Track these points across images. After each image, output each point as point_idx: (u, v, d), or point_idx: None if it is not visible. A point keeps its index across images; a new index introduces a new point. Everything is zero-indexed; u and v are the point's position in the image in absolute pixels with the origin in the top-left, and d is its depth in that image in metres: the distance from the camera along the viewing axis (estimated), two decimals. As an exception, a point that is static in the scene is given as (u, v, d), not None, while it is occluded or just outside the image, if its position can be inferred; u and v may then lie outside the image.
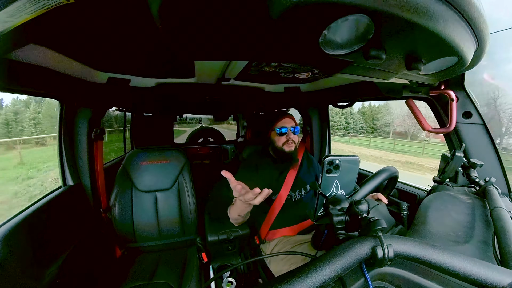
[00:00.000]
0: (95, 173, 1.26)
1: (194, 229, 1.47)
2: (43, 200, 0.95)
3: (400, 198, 1.24)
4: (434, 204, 0.76)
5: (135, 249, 1.40)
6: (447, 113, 0.92)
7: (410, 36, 0.37)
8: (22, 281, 0.73)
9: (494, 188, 0.77)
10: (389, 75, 0.61)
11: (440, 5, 0.32)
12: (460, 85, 0.90)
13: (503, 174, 0.92)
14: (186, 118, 5.40)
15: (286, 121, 1.21)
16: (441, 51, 0.45)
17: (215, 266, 1.37)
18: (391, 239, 0.40)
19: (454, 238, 0.58)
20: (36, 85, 0.82)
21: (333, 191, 0.56)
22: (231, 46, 0.43)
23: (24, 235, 0.78)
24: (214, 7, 0.29)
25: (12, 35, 0.41)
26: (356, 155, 0.57)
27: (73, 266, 0.96)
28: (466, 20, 0.37)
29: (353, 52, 0.42)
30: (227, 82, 1.16)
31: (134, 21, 0.53)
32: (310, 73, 1.09)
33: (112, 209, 1.32)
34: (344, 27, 0.34)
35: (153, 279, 1.16)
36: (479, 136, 0.94)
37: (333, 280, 0.36)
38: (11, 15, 0.34)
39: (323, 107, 1.83)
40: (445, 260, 0.37)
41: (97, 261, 1.18)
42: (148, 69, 1.04)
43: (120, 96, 1.47)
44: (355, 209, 0.47)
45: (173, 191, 1.44)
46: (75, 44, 0.70)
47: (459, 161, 0.85)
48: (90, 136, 1.20)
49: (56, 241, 0.92)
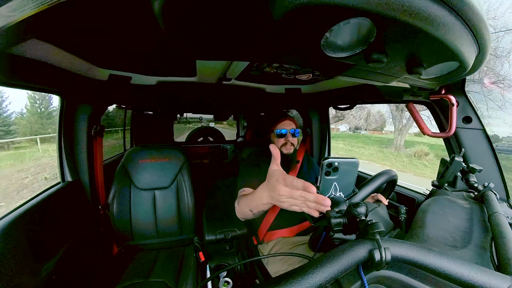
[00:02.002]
0: (94, 169, 1.26)
1: (192, 228, 1.47)
2: (41, 195, 0.95)
3: (398, 201, 1.23)
4: (432, 208, 0.76)
5: (133, 246, 1.39)
6: (447, 117, 0.92)
7: (411, 41, 0.37)
8: (18, 276, 0.72)
9: (493, 193, 0.77)
10: (390, 79, 0.62)
11: (442, 10, 0.32)
12: (461, 90, 0.91)
13: (502, 179, 0.92)
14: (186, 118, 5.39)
15: (286, 123, 1.21)
16: (442, 56, 0.45)
17: (212, 266, 1.36)
18: (389, 242, 0.40)
19: (452, 243, 0.58)
20: (37, 80, 0.82)
21: (331, 193, 0.56)
22: (232, 47, 0.43)
23: (21, 230, 0.78)
24: (216, 7, 0.29)
25: (14, 29, 0.41)
26: (356, 158, 0.57)
27: (70, 262, 0.96)
28: (468, 25, 0.38)
29: (355, 55, 0.42)
30: (228, 82, 1.16)
31: (136, 19, 0.53)
32: (311, 74, 1.09)
33: (110, 206, 1.31)
34: (346, 29, 0.34)
35: (149, 277, 1.15)
36: (479, 141, 0.94)
37: (330, 282, 0.36)
38: (14, 9, 0.34)
39: (323, 109, 1.83)
40: (442, 264, 0.37)
41: (94, 258, 1.17)
42: (149, 67, 1.04)
43: (121, 94, 1.47)
44: (353, 211, 0.47)
45: (171, 190, 1.44)
46: (77, 40, 0.70)
47: (458, 166, 0.85)
48: (90, 133, 1.20)
49: (54, 237, 0.92)
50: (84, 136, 1.18)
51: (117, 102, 1.83)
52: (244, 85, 1.29)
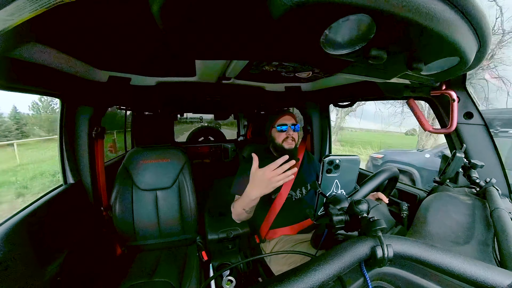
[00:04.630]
0: (95, 171, 1.27)
1: (194, 228, 1.47)
2: (44, 198, 0.96)
3: (400, 198, 1.23)
4: (434, 205, 0.76)
5: (135, 247, 1.40)
6: (448, 113, 0.92)
7: (411, 36, 0.37)
8: (23, 279, 0.73)
9: (495, 189, 0.77)
10: (390, 75, 0.61)
11: (442, 5, 0.31)
12: (462, 85, 0.90)
13: (504, 175, 0.92)
14: (186, 118, 5.37)
15: (286, 118, 1.22)
16: (443, 52, 0.44)
17: (215, 265, 1.37)
18: (391, 239, 0.40)
19: (454, 239, 0.58)
20: (37, 84, 0.82)
21: (333, 190, 0.56)
22: (231, 46, 0.43)
23: (25, 233, 0.78)
24: (214, 7, 0.29)
25: (13, 33, 0.41)
26: (357, 155, 0.57)
27: (73, 264, 0.96)
28: (469, 20, 0.37)
29: (354, 52, 0.41)
30: (227, 81, 1.16)
31: (135, 20, 0.52)
32: (311, 72, 1.09)
33: (112, 207, 1.32)
34: (346, 26, 0.34)
35: (153, 277, 1.16)
36: (480, 137, 0.93)
37: (333, 279, 0.36)
38: (12, 13, 0.34)
39: (323, 106, 1.83)
40: (444, 260, 0.37)
41: (97, 259, 1.18)
42: (149, 68, 1.04)
43: (121, 95, 1.47)
44: (355, 209, 0.47)
45: (173, 190, 1.44)
46: (76, 43, 0.70)
47: (460, 162, 0.85)
48: (91, 135, 1.21)
49: (57, 239, 0.93)
50: (85, 138, 1.18)
51: (117, 104, 1.83)
52: (244, 84, 1.29)
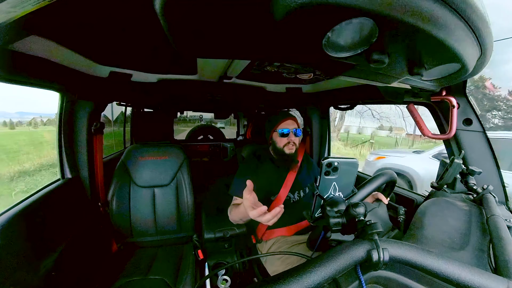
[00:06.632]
0: (94, 166, 1.26)
1: (191, 226, 1.47)
2: (41, 192, 0.95)
3: (397, 202, 1.24)
4: (431, 210, 0.76)
5: (132, 244, 1.40)
6: (447, 119, 0.92)
7: (413, 42, 0.37)
8: (17, 273, 0.73)
9: (492, 196, 0.77)
10: (391, 80, 0.61)
11: (445, 12, 0.32)
12: (462, 91, 0.90)
13: (501, 182, 0.92)
14: (186, 116, 5.35)
15: (288, 123, 1.21)
16: (444, 58, 0.45)
17: (210, 264, 1.37)
18: (387, 243, 0.40)
19: (450, 244, 0.59)
20: (37, 77, 0.82)
21: (330, 193, 0.56)
22: (233, 45, 0.43)
23: (21, 227, 0.78)
24: (217, 6, 0.29)
25: (14, 26, 0.41)
26: (355, 158, 0.57)
27: (69, 259, 0.96)
28: (471, 28, 0.37)
29: (356, 55, 0.41)
30: (229, 80, 1.16)
31: (137, 16, 0.52)
32: (312, 74, 1.09)
33: (110, 203, 1.32)
34: (348, 30, 0.34)
35: (148, 275, 1.16)
36: (479, 143, 0.94)
37: (328, 281, 0.36)
38: (14, 5, 0.34)
39: (324, 108, 1.83)
40: (440, 266, 0.37)
41: (93, 255, 1.18)
42: (150, 65, 1.04)
43: (122, 91, 1.47)
44: (352, 211, 0.47)
45: (171, 188, 1.44)
46: (78, 37, 0.70)
47: (458, 168, 0.85)
48: (90, 130, 1.20)
49: (53, 233, 0.92)
50: (84, 133, 1.17)
51: (118, 99, 1.83)
52: (245, 83, 1.29)
